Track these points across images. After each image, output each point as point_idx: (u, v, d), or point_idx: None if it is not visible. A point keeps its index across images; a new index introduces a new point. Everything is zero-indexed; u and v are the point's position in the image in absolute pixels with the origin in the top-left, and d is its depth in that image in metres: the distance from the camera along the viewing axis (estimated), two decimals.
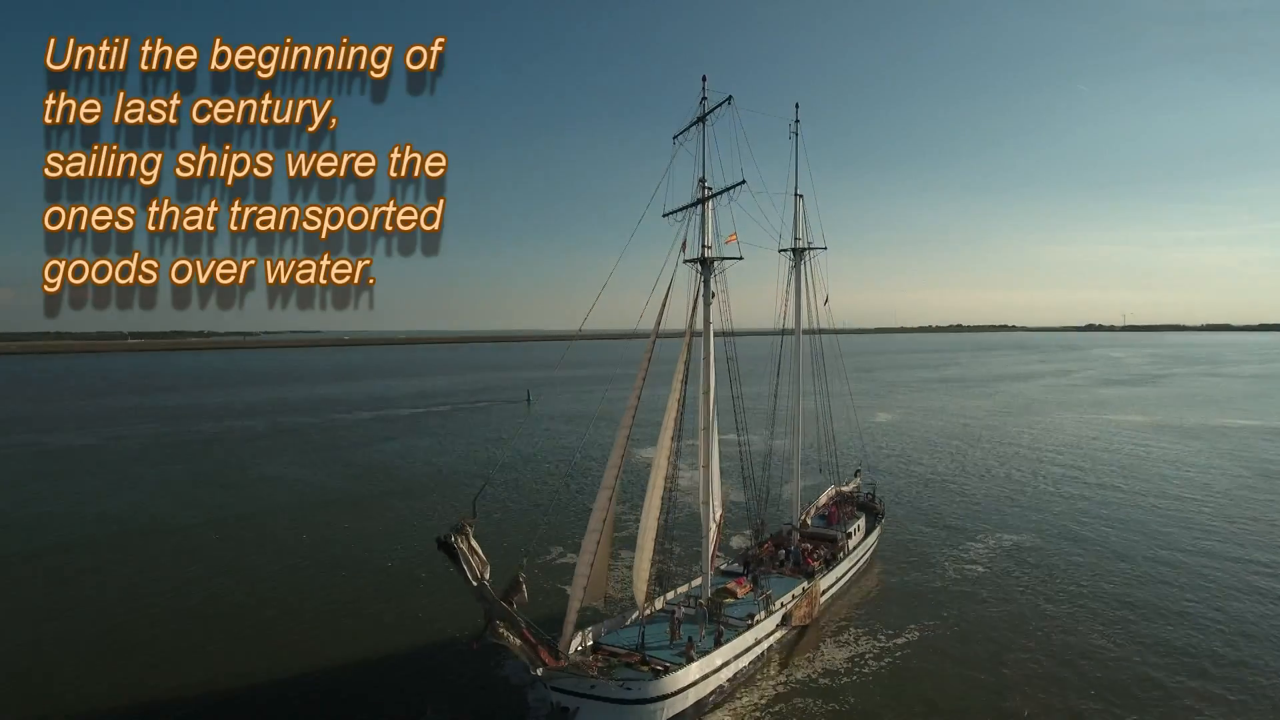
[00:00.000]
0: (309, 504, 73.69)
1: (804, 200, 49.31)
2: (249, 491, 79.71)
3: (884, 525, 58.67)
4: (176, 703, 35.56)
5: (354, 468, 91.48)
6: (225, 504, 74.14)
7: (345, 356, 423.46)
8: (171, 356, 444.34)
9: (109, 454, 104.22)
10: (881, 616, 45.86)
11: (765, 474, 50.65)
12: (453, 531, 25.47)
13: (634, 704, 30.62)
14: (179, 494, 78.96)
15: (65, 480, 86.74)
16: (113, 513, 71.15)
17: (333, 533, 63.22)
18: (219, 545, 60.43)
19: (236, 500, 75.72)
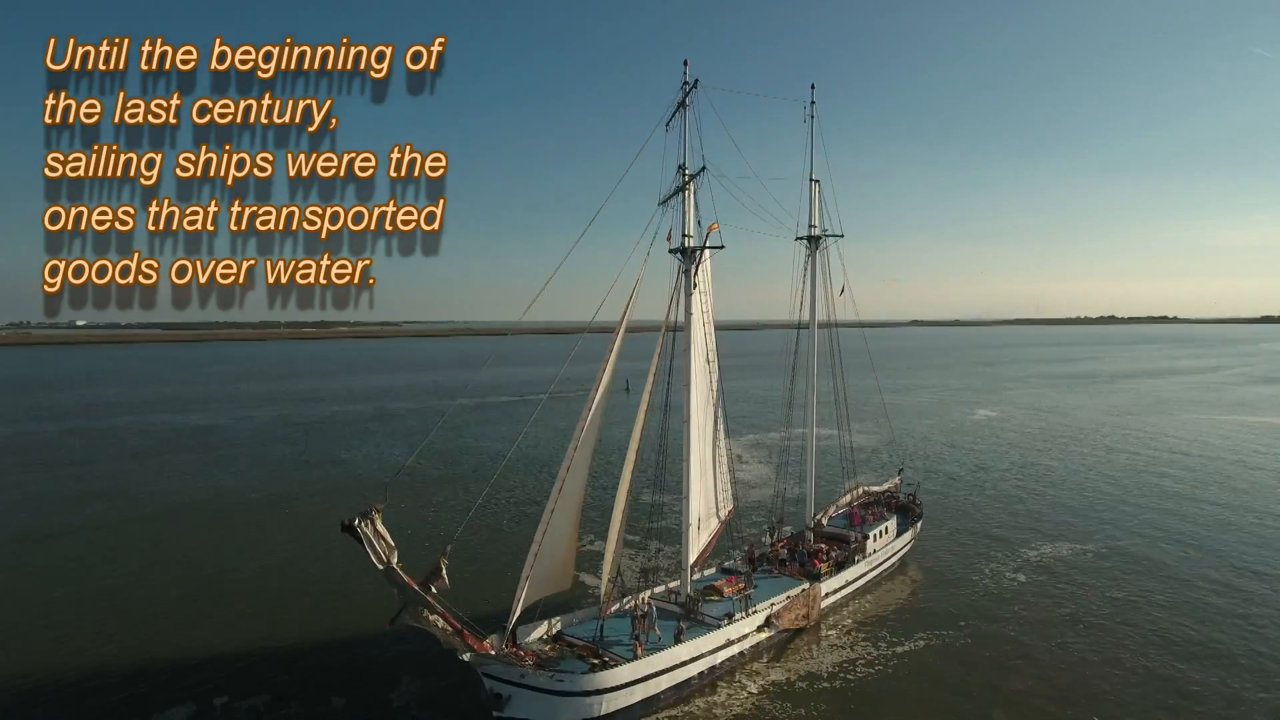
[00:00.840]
0: (381, 484, 77.66)
1: (820, 186, 47.10)
2: (329, 470, 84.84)
3: (922, 527, 55.53)
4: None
5: (443, 452, 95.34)
6: (312, 480, 79.33)
7: (460, 346, 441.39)
8: (309, 345, 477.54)
9: (231, 433, 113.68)
10: (892, 624, 43.51)
11: (782, 472, 49.05)
12: (359, 516, 26.24)
13: (564, 695, 30.53)
14: (276, 472, 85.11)
15: (183, 455, 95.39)
16: (210, 488, 77.65)
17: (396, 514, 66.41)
18: (287, 519, 64.75)
19: (320, 478, 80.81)
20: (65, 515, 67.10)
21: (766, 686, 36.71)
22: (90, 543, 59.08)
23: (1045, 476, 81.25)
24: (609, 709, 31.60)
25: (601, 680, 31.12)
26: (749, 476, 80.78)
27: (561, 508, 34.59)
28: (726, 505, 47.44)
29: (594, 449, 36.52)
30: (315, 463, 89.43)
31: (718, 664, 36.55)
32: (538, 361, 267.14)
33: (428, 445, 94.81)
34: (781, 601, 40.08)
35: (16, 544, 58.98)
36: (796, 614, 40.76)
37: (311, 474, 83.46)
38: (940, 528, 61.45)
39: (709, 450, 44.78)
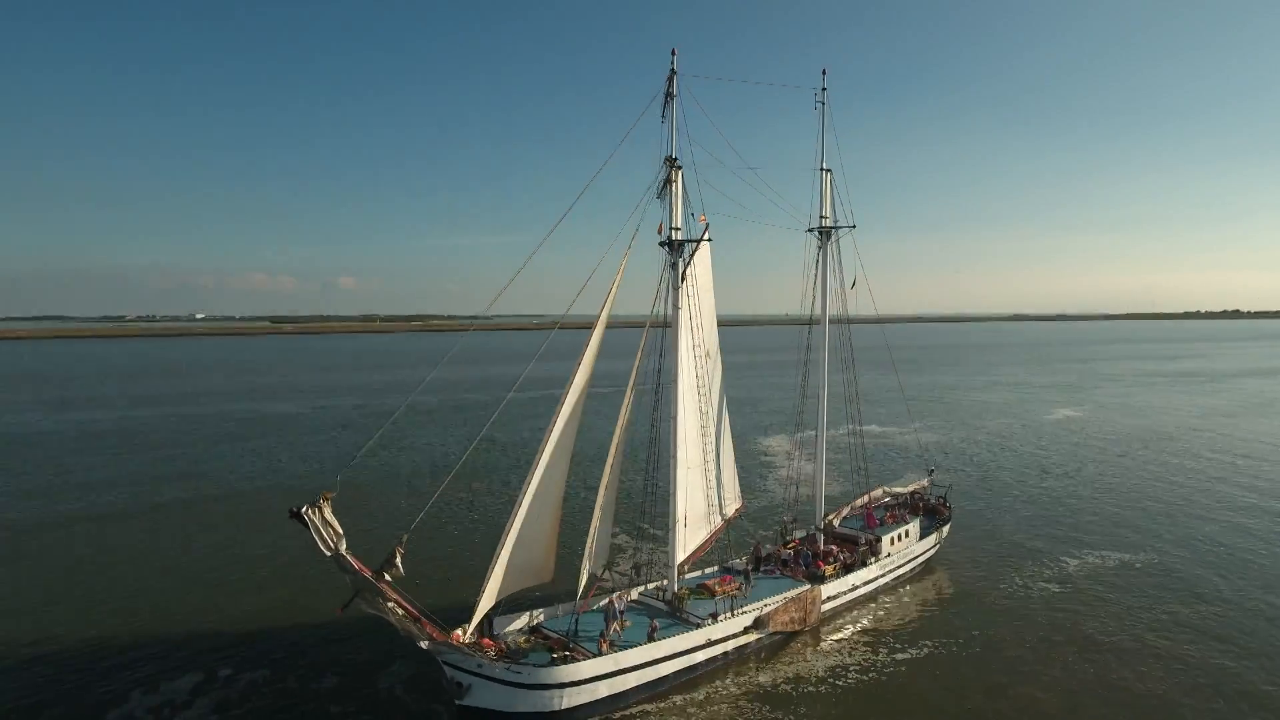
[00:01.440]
0: (428, 471, 79.93)
1: (832, 175, 45.48)
2: (384, 458, 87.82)
3: (949, 531, 53.17)
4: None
5: (483, 443, 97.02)
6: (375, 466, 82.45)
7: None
8: (412, 337, 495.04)
9: (308, 421, 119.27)
10: (897, 631, 41.84)
11: (798, 471, 47.75)
12: (308, 504, 26.99)
13: (522, 687, 30.66)
14: (338, 459, 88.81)
15: (258, 441, 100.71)
16: (276, 472, 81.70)
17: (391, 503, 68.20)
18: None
19: (373, 465, 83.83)
20: (147, 494, 71.92)
21: (749, 688, 35.93)
22: (162, 521, 63.06)
23: (1109, 483, 76.33)
24: (571, 703, 31.56)
25: (561, 674, 31.11)
26: (763, 475, 79.42)
27: (539, 500, 34.67)
28: (733, 503, 46.64)
29: (575, 442, 36.44)
30: (382, 450, 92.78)
31: (698, 664, 35.97)
32: (516, 359, 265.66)
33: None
34: (773, 603, 39.09)
35: (94, 521, 63.54)
36: (791, 617, 39.69)
37: (372, 462, 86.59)
38: (978, 532, 58.69)
39: (710, 446, 44.12)
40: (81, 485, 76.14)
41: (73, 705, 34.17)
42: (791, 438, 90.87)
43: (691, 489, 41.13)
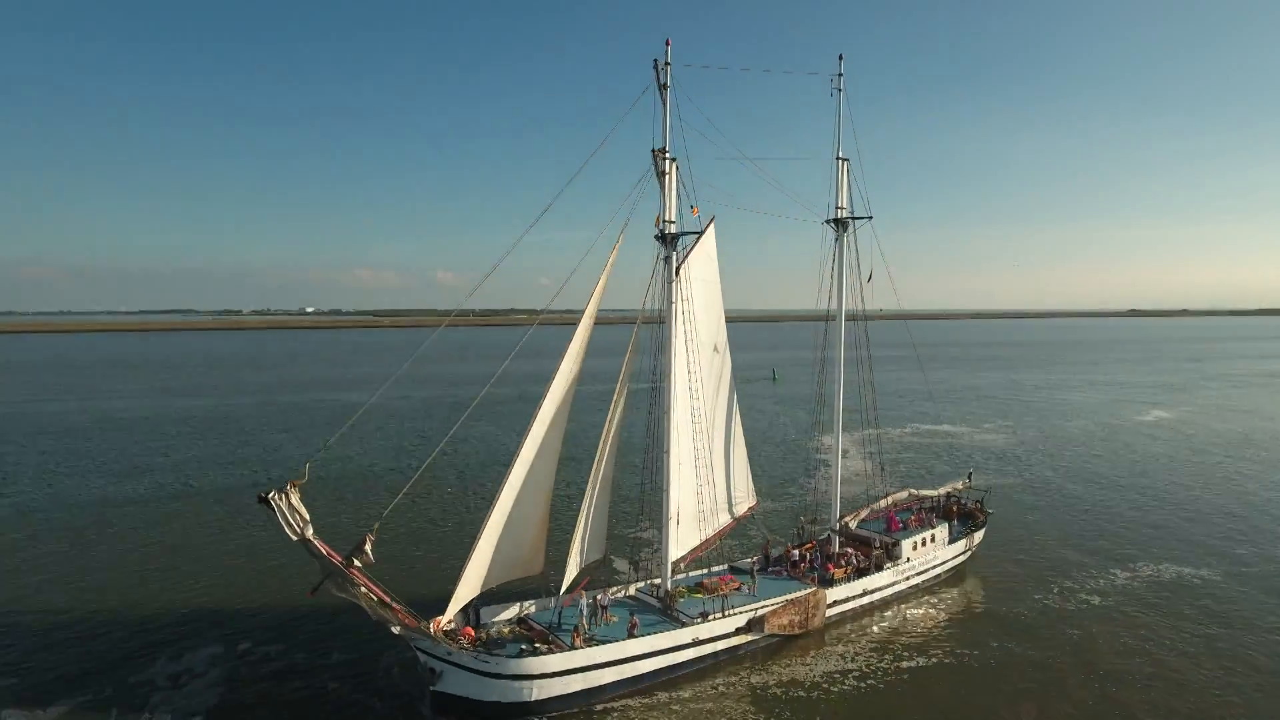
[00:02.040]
0: (472, 463, 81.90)
1: (849, 165, 43.82)
2: (458, 447, 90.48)
3: (984, 537, 50.64)
4: None
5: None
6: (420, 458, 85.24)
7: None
8: (505, 331, 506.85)
9: (382, 411, 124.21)
10: (908, 639, 40.16)
11: (821, 470, 46.37)
12: (275, 489, 28.03)
13: (490, 676, 31.00)
14: (410, 448, 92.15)
15: (329, 429, 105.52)
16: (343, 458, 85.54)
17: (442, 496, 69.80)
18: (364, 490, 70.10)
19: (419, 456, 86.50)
20: (218, 478, 76.45)
21: (737, 690, 35.24)
22: (228, 502, 67.04)
23: (1182, 493, 70.78)
24: (541, 695, 31.72)
25: (530, 666, 31.30)
26: (781, 474, 77.18)
27: (528, 493, 34.94)
28: (746, 502, 45.81)
29: (566, 437, 36.55)
30: (454, 439, 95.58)
31: (684, 663, 35.50)
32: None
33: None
34: (770, 605, 38.16)
35: (174, 499, 67.99)
36: (791, 620, 38.65)
37: (440, 450, 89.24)
38: (1023, 540, 55.64)
39: (715, 443, 43.44)
40: (152, 467, 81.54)
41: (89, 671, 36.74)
42: (811, 437, 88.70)
43: (691, 486, 40.57)
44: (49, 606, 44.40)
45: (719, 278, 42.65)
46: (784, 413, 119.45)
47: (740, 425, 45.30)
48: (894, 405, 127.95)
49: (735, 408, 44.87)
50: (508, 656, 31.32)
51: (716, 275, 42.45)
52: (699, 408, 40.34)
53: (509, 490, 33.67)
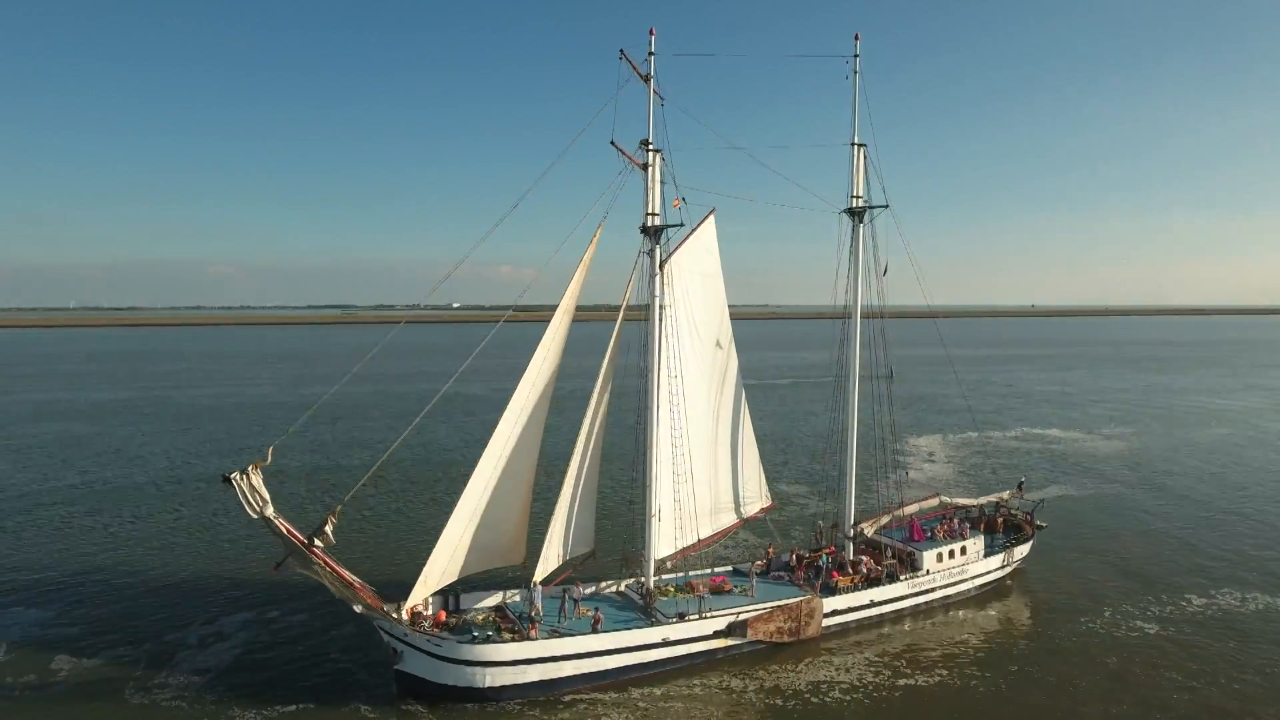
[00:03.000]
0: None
1: (866, 151, 41.45)
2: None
3: (1023, 551, 46.74)
4: None
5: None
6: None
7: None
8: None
9: (488, 403, 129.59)
10: (917, 654, 37.66)
11: (846, 475, 44.19)
12: (238, 470, 29.93)
13: (442, 659, 31.79)
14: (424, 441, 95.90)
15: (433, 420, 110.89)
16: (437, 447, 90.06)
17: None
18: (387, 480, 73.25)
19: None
20: (338, 458, 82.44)
21: (713, 693, 34.27)
22: (328, 482, 72.19)
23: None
24: (494, 682, 32.21)
25: (481, 652, 31.85)
26: (799, 475, 73.77)
27: (505, 484, 35.59)
28: (758, 502, 44.57)
29: (544, 428, 36.91)
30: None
31: (654, 662, 34.99)
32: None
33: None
34: (755, 610, 36.92)
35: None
36: (779, 626, 37.22)
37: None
38: (1086, 557, 50.89)
39: (722, 440, 42.52)
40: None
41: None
42: (832, 439, 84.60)
43: (684, 483, 39.84)
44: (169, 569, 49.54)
45: (720, 271, 41.63)
46: (889, 415, 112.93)
47: (749, 423, 43.98)
48: (983, 405, 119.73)
49: (743, 405, 43.61)
50: (458, 641, 32.04)
51: (718, 269, 41.45)
52: (687, 404, 39.54)
53: (478, 479, 34.35)
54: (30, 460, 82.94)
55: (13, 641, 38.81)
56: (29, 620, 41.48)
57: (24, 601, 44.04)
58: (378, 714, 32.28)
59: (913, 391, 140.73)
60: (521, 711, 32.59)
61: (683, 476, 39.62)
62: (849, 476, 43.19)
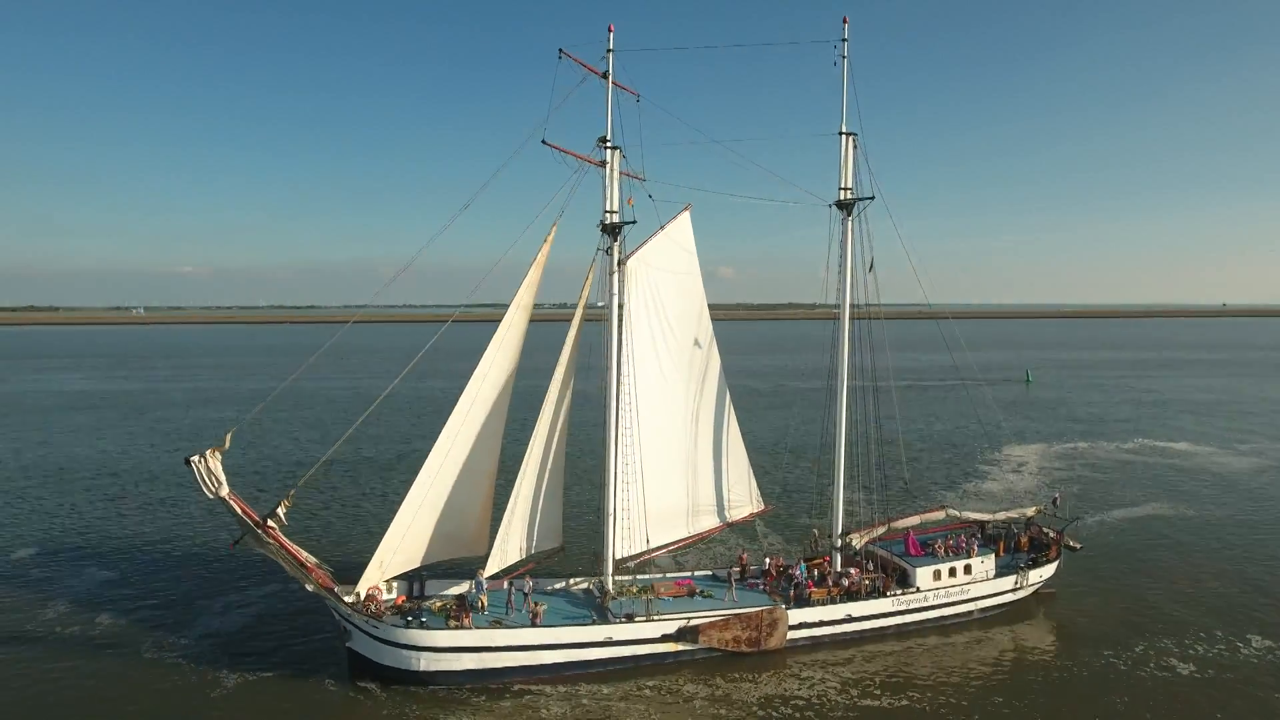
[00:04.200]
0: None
1: (856, 140, 39.13)
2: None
3: (1044, 574, 42.59)
4: None
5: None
6: None
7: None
8: (770, 325, 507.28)
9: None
10: (891, 676, 35.26)
11: (839, 479, 42.24)
12: (198, 454, 32.57)
13: (383, 642, 33.24)
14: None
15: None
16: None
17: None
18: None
19: None
20: (391, 448, 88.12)
21: (661, 695, 33.73)
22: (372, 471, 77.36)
23: None
24: (430, 667, 33.28)
25: (415, 637, 33.00)
26: (803, 482, 67.80)
27: (466, 475, 36.81)
28: (745, 506, 43.44)
29: (504, 421, 37.74)
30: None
31: (596, 660, 34.92)
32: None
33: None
34: (708, 616, 36.02)
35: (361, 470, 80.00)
36: (736, 635, 36.07)
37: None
38: (1131, 582, 45.70)
39: (703, 441, 41.76)
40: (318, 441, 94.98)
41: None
42: (993, 446, 78.42)
43: (655, 484, 39.41)
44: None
45: (698, 269, 40.78)
46: (1021, 424, 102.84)
47: (735, 424, 42.78)
48: (1114, 414, 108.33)
49: (728, 406, 42.46)
50: (392, 625, 33.40)
51: (694, 266, 40.63)
52: (657, 404, 39.14)
53: (428, 471, 35.61)
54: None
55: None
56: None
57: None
58: (334, 689, 34.14)
59: (1044, 396, 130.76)
60: (468, 698, 33.49)
61: (652, 477, 39.23)
62: (837, 484, 41.05)
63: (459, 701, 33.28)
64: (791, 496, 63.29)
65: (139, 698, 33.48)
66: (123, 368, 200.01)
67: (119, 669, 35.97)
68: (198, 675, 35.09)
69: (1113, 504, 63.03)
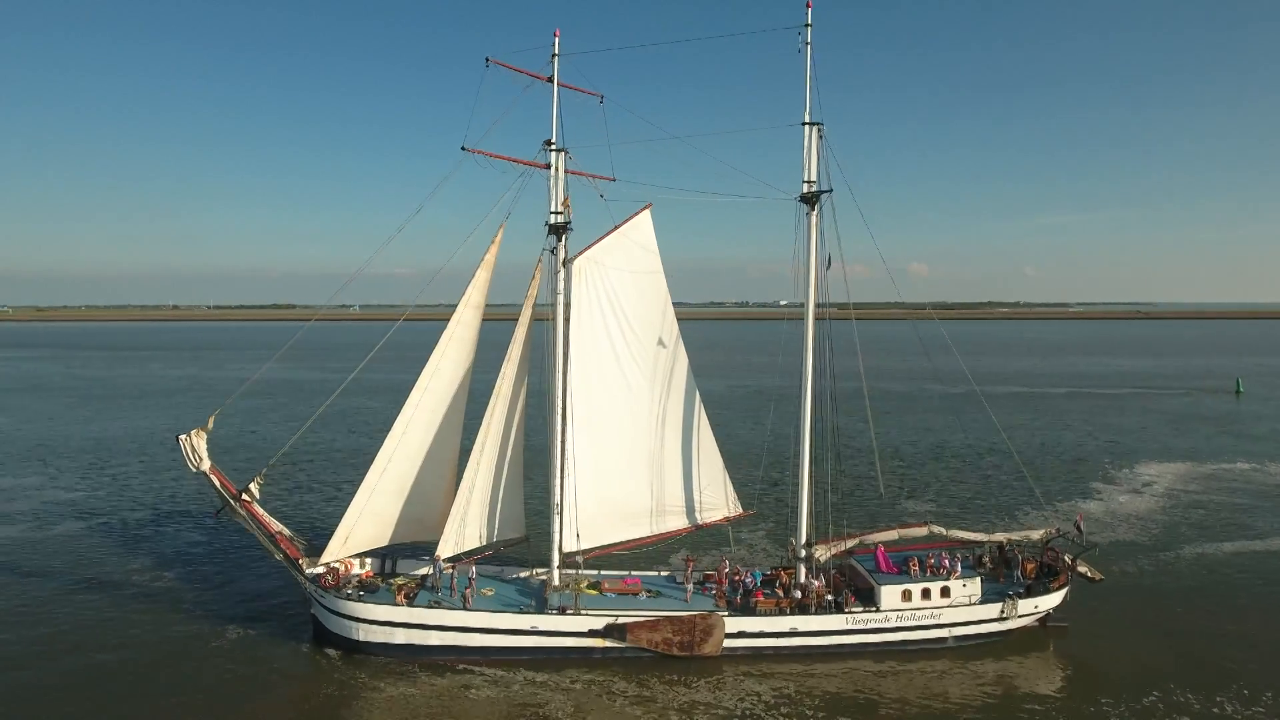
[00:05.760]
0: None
1: (821, 130, 36.97)
2: None
3: (1030, 602, 37.95)
4: None
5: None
6: None
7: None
8: (972, 325, 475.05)
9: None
10: (832, 701, 33.30)
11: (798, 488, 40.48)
12: (184, 432, 37.25)
13: (329, 611, 36.38)
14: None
15: None
16: None
17: None
18: None
19: None
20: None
21: (587, 687, 34.52)
22: None
23: None
24: (367, 637, 35.89)
25: (353, 609, 35.75)
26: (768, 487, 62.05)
27: (428, 464, 39.43)
28: (718, 509, 42.69)
29: (463, 414, 39.79)
30: None
31: (524, 647, 35.97)
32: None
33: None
34: (636, 616, 35.96)
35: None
36: (667, 638, 35.68)
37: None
38: (1163, 620, 39.64)
39: (670, 441, 41.61)
40: None
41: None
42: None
43: (613, 481, 39.78)
44: None
45: (660, 268, 40.51)
46: (1231, 444, 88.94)
47: (705, 425, 41.92)
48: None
49: (697, 405, 41.70)
50: (335, 596, 36.42)
51: (657, 265, 40.42)
52: (614, 402, 39.48)
53: (383, 456, 38.42)
54: None
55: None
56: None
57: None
58: (298, 651, 37.64)
59: (1256, 410, 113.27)
60: (409, 672, 35.50)
61: (609, 474, 39.63)
62: (801, 496, 39.12)
63: (399, 674, 35.60)
64: (784, 503, 60.93)
65: (113, 645, 37.78)
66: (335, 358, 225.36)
67: (95, 622, 40.49)
68: (169, 629, 39.41)
69: (1219, 535, 54.33)
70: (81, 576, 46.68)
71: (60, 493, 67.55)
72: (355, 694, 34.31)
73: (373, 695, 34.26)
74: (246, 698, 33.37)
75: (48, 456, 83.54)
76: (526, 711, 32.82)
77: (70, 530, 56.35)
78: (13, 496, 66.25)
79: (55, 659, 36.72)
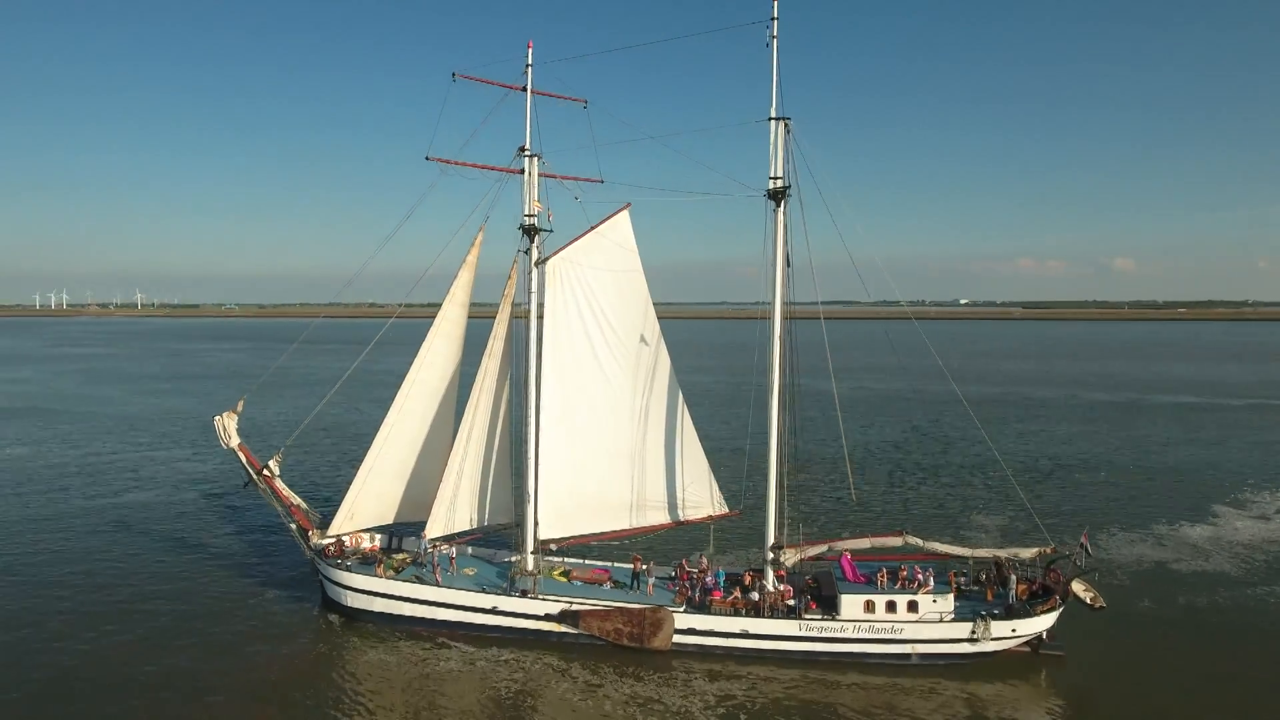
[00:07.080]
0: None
1: (789, 126, 36.00)
2: None
3: (1007, 625, 34.89)
4: None
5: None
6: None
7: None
8: (1198, 326, 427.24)
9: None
10: (772, 707, 32.97)
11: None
12: (218, 414, 42.48)
13: (325, 577, 40.28)
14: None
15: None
16: None
17: None
18: None
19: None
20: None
21: (540, 668, 36.23)
22: None
23: None
24: (354, 604, 39.42)
25: (341, 577, 39.38)
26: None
27: (425, 450, 42.69)
28: (702, 508, 42.86)
29: (455, 403, 42.50)
30: None
31: (488, 625, 38.04)
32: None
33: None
34: (589, 604, 37.08)
35: None
36: (618, 628, 36.47)
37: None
38: (1170, 653, 35.15)
39: (652, 437, 42.34)
40: None
41: None
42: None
43: (591, 474, 41.00)
44: None
45: (640, 266, 41.14)
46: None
47: (689, 423, 41.99)
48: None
49: (680, 403, 41.86)
50: (328, 564, 40.24)
51: (636, 264, 41.10)
52: (591, 399, 40.72)
53: (379, 441, 41.85)
54: None
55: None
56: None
57: None
58: (304, 612, 41.75)
59: None
60: (391, 640, 38.53)
61: (588, 467, 40.89)
62: (769, 499, 38.32)
63: (383, 641, 38.86)
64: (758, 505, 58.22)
65: (137, 598, 42.93)
66: None
67: (113, 586, 45.37)
68: (199, 586, 44.59)
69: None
70: (173, 534, 54.55)
71: (196, 465, 78.26)
72: (341, 653, 37.85)
73: (356, 656, 37.59)
74: (248, 643, 37.78)
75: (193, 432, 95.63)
76: (484, 685, 35.06)
77: (193, 496, 65.58)
78: (164, 464, 77.76)
79: (107, 595, 43.62)
